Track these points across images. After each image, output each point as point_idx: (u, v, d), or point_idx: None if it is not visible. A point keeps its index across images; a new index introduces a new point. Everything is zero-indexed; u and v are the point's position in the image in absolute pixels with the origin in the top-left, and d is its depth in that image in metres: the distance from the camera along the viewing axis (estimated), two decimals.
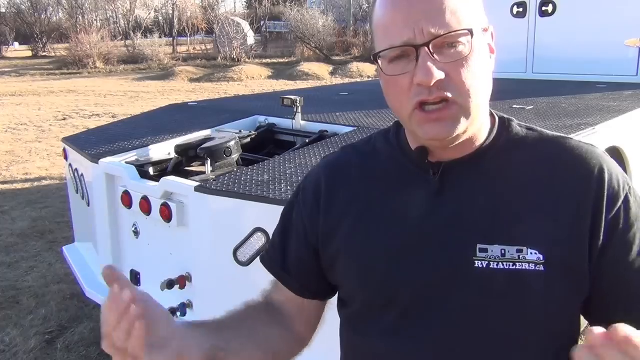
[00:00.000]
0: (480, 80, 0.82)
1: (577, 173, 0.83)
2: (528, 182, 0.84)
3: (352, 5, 29.04)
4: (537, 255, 0.79)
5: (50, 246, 4.61)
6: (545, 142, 0.88)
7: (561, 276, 0.80)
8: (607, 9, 4.78)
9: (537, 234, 0.81)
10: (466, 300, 0.82)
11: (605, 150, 3.02)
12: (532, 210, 0.82)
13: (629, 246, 0.81)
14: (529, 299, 0.80)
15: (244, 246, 2.18)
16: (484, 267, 0.80)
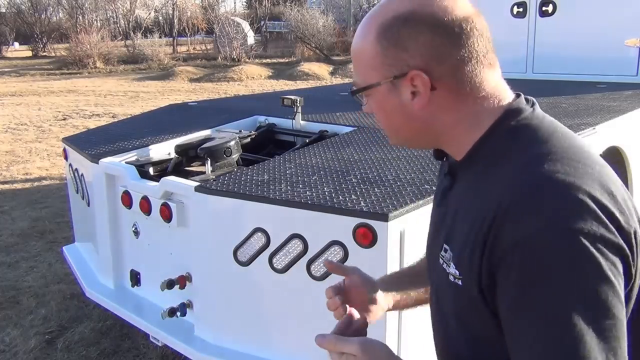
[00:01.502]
0: (390, 119, 0.92)
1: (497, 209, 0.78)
2: (473, 201, 0.85)
3: (352, 5, 29.04)
4: (455, 271, 0.86)
5: (50, 246, 4.61)
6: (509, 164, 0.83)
7: (464, 293, 0.84)
8: (607, 9, 4.77)
9: (459, 253, 0.85)
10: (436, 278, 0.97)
11: (606, 150, 3.03)
12: (463, 224, 0.86)
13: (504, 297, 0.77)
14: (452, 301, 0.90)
15: (244, 246, 2.18)
16: (440, 264, 0.92)
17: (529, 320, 0.74)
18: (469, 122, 0.89)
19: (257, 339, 2.30)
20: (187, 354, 2.41)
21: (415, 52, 0.85)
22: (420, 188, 2.07)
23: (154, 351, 3.02)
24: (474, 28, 0.85)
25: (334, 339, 0.90)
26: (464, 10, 0.86)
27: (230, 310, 2.34)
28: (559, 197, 0.75)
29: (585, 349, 0.70)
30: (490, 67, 0.91)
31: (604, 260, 0.72)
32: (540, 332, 0.72)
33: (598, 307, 0.71)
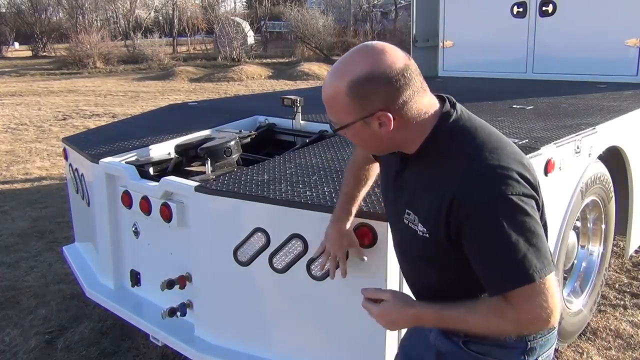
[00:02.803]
0: (366, 143, 1.34)
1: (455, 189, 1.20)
2: (429, 182, 1.27)
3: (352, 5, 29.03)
4: (423, 228, 1.29)
5: (50, 246, 4.61)
6: (458, 160, 1.23)
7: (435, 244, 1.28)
8: (607, 9, 4.77)
9: (426, 216, 1.28)
10: (403, 235, 1.39)
11: (606, 150, 3.03)
12: (425, 200, 1.27)
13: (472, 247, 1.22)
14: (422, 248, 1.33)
15: (244, 246, 2.18)
16: (406, 223, 1.34)
17: (491, 249, 1.19)
18: (418, 131, 1.28)
19: (257, 339, 2.30)
20: (187, 354, 2.41)
21: (377, 100, 1.22)
22: None
23: (154, 351, 3.02)
24: (411, 72, 1.22)
25: (372, 289, 1.41)
26: (402, 61, 1.22)
27: (230, 310, 2.34)
28: (495, 175, 1.19)
29: (527, 256, 1.16)
30: (424, 92, 1.27)
31: (528, 206, 1.19)
32: (501, 253, 1.18)
33: (530, 232, 1.18)
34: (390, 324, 1.39)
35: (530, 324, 1.21)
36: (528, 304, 1.17)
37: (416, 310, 1.33)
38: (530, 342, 1.33)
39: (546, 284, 1.17)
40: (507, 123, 3.11)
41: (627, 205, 3.42)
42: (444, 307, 1.29)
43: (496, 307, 1.21)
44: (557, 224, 2.71)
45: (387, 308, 1.36)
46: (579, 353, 3.01)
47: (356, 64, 1.22)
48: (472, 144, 1.24)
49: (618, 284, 3.74)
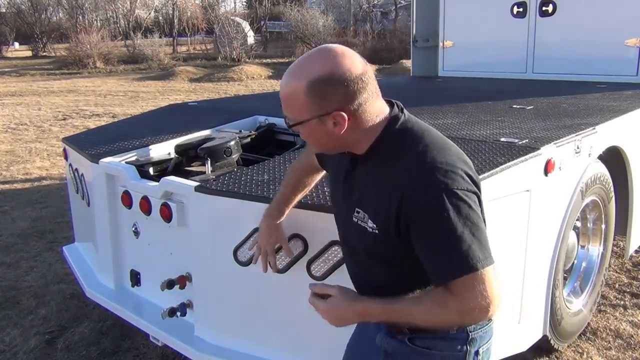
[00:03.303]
0: (319, 141, 1.38)
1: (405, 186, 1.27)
2: (379, 180, 1.34)
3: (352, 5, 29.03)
4: (373, 225, 1.34)
5: (50, 246, 4.61)
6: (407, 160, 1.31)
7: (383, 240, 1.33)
8: (607, 9, 4.77)
9: (375, 212, 1.34)
10: (351, 233, 1.44)
11: (606, 150, 3.03)
12: (375, 198, 1.34)
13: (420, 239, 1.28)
14: (371, 244, 1.37)
15: (244, 246, 2.18)
16: (355, 221, 1.39)
17: (438, 240, 1.25)
18: (369, 133, 1.35)
19: (257, 339, 2.30)
20: (187, 354, 2.41)
21: (334, 101, 1.28)
22: None
23: (154, 351, 3.02)
24: (368, 77, 1.30)
25: (320, 285, 1.47)
26: (361, 66, 1.30)
27: (230, 310, 2.34)
28: (441, 172, 1.26)
29: (471, 247, 1.24)
30: (377, 96, 1.35)
31: (471, 201, 1.27)
32: (447, 244, 1.24)
33: (474, 225, 1.25)
34: (336, 320, 1.41)
35: (471, 313, 1.26)
36: (469, 294, 1.24)
37: (363, 305, 1.37)
38: (471, 333, 1.41)
39: (487, 275, 1.24)
40: (507, 123, 3.11)
41: (627, 205, 3.42)
42: (390, 301, 1.33)
43: (440, 298, 1.27)
44: (557, 224, 2.72)
45: (333, 303, 1.40)
46: (579, 353, 3.01)
47: (316, 64, 1.28)
48: (420, 145, 1.32)
49: (618, 284, 3.74)
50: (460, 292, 1.25)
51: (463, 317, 1.29)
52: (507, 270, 2.46)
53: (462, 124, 3.12)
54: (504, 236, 2.37)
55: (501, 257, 2.39)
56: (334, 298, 1.40)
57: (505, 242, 2.39)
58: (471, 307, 1.25)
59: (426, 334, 1.41)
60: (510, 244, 2.43)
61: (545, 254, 2.65)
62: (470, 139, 2.68)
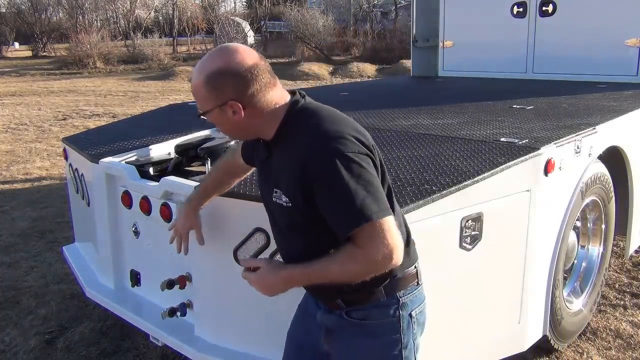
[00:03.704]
0: (227, 129, 1.56)
1: (304, 156, 1.42)
2: (287, 158, 1.48)
3: (352, 5, 29.03)
4: (286, 198, 1.49)
5: (50, 246, 4.61)
6: (305, 134, 1.46)
7: (297, 210, 1.48)
8: (607, 9, 4.77)
9: (286, 186, 1.48)
10: (274, 213, 1.60)
11: (606, 150, 3.03)
12: (286, 174, 1.47)
13: (322, 200, 1.42)
14: (288, 217, 1.53)
15: (244, 246, 2.18)
16: (274, 200, 1.54)
17: (336, 198, 1.39)
18: (271, 119, 1.52)
19: (257, 339, 2.30)
20: (187, 354, 2.41)
21: (228, 91, 1.46)
22: (420, 188, 2.07)
23: (154, 351, 3.02)
24: (259, 69, 1.46)
25: (249, 259, 1.66)
26: (252, 60, 1.46)
27: (230, 310, 2.34)
28: (334, 138, 1.42)
29: (365, 201, 1.37)
30: (274, 86, 1.51)
31: (363, 162, 1.41)
32: (343, 200, 1.38)
33: (367, 182, 1.39)
34: (266, 289, 1.54)
35: (377, 261, 1.39)
36: (371, 242, 1.37)
37: (286, 271, 1.52)
38: (401, 298, 1.56)
39: (384, 225, 1.38)
40: (507, 123, 3.11)
41: (627, 205, 3.42)
42: (309, 264, 1.46)
43: (348, 251, 1.40)
44: (557, 224, 2.72)
45: (262, 274, 1.54)
46: (579, 353, 3.01)
47: (212, 60, 1.47)
48: (316, 119, 1.49)
49: (618, 284, 3.74)
50: (362, 242, 1.38)
51: (370, 266, 1.41)
52: (507, 270, 2.46)
53: (462, 124, 3.12)
54: (504, 236, 2.37)
55: (501, 257, 2.40)
56: (262, 269, 1.54)
57: (505, 242, 2.39)
58: (375, 254, 1.37)
59: (360, 305, 1.55)
60: (511, 243, 2.43)
61: (545, 254, 2.65)
62: (470, 139, 2.68)
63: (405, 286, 1.57)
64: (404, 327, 1.56)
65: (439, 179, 2.15)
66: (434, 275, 2.12)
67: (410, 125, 3.11)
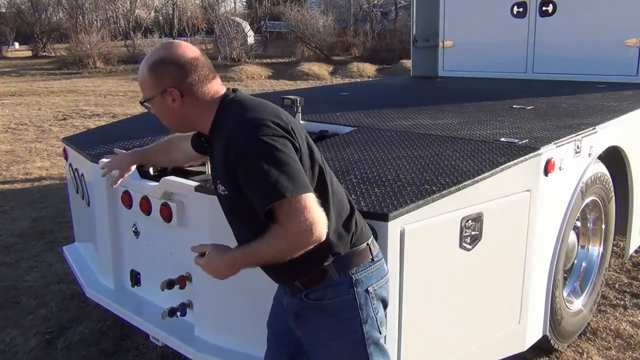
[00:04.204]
0: (164, 117, 1.67)
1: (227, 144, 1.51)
2: (219, 149, 1.56)
3: (352, 5, 29.02)
4: (223, 187, 1.58)
5: (50, 246, 4.61)
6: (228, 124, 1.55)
7: (232, 197, 1.57)
8: (607, 9, 4.77)
9: (221, 176, 1.57)
10: (221, 203, 1.69)
11: (606, 150, 3.03)
12: (220, 164, 1.57)
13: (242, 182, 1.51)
14: (228, 205, 1.65)
15: None
16: (220, 192, 1.62)
17: (252, 179, 1.47)
18: (206, 112, 1.62)
19: (257, 339, 2.29)
20: (187, 354, 2.41)
21: (168, 79, 1.59)
22: (420, 188, 2.07)
23: (154, 351, 3.02)
24: (199, 63, 1.60)
25: (198, 245, 1.68)
26: (192, 54, 1.61)
27: (230, 310, 2.34)
28: (250, 124, 1.51)
29: (278, 180, 1.43)
30: (213, 80, 1.63)
31: (278, 144, 1.48)
32: (258, 181, 1.45)
33: (280, 162, 1.45)
34: (214, 272, 1.62)
35: (298, 237, 1.45)
36: (290, 219, 1.43)
37: (230, 255, 1.59)
38: (354, 276, 1.62)
39: (301, 202, 1.43)
40: (507, 123, 3.11)
41: (627, 205, 3.42)
42: (246, 246, 1.56)
43: (273, 230, 1.47)
44: (557, 224, 2.72)
45: (209, 258, 1.62)
46: (579, 353, 3.01)
47: (157, 52, 1.62)
48: (239, 109, 1.58)
49: (618, 284, 3.74)
50: (281, 220, 1.44)
51: (292, 242, 1.46)
52: (507, 270, 2.46)
53: (462, 124, 3.12)
54: (504, 236, 2.37)
55: (501, 257, 2.40)
56: (209, 253, 1.62)
57: (505, 242, 2.39)
58: (295, 230, 1.44)
59: (316, 285, 1.62)
60: (511, 243, 2.43)
61: (545, 253, 2.65)
62: (470, 139, 2.68)
63: (357, 263, 1.62)
64: (361, 302, 1.61)
65: (439, 179, 2.15)
66: (434, 275, 2.12)
67: (410, 125, 3.11)
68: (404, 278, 1.96)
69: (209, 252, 1.63)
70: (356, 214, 1.69)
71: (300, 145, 1.55)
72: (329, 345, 1.65)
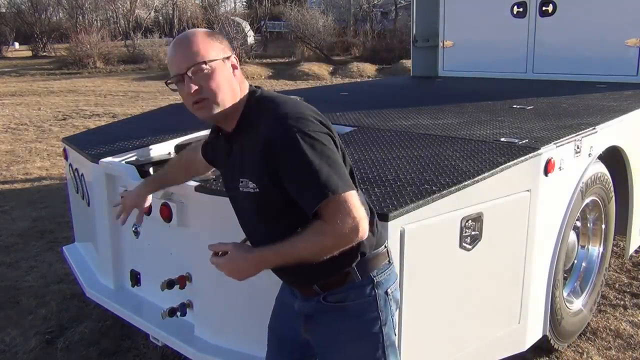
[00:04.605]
0: (221, 85, 1.52)
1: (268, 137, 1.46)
2: (250, 145, 1.51)
3: (352, 5, 29.02)
4: (253, 185, 1.51)
5: (50, 246, 4.61)
6: (266, 117, 1.50)
7: (265, 194, 1.51)
8: (607, 9, 4.77)
9: (253, 173, 1.51)
10: (242, 203, 1.62)
11: (606, 150, 3.03)
12: (251, 161, 1.51)
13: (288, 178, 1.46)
14: (256, 204, 1.55)
15: None
16: (242, 190, 1.55)
17: (301, 175, 1.43)
18: (236, 105, 1.57)
19: (257, 339, 2.29)
20: (187, 354, 2.41)
21: (227, 47, 1.57)
22: (420, 188, 2.07)
23: (154, 351, 3.02)
24: None
25: (217, 244, 1.59)
26: None
27: (230, 310, 2.34)
28: (294, 120, 1.46)
29: (330, 176, 1.41)
30: None
31: (323, 139, 1.47)
32: (308, 177, 1.41)
33: (328, 158, 1.44)
34: (236, 273, 1.54)
35: (344, 234, 1.42)
36: (337, 216, 1.41)
37: (257, 254, 1.52)
38: (375, 278, 1.60)
39: (349, 199, 1.42)
40: (507, 123, 3.11)
41: (627, 205, 3.42)
42: (279, 244, 1.47)
43: (316, 227, 1.43)
44: (557, 224, 2.72)
45: (231, 257, 1.54)
46: (579, 353, 3.01)
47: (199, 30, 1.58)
48: (275, 104, 1.54)
49: (618, 284, 3.74)
50: (329, 216, 1.41)
51: (338, 239, 1.43)
52: (507, 270, 2.46)
53: (462, 124, 3.12)
54: (504, 236, 2.37)
55: (501, 257, 2.40)
56: (231, 253, 1.53)
57: (505, 242, 2.39)
58: (342, 227, 1.41)
59: (336, 288, 1.58)
60: (511, 243, 2.43)
61: (545, 254, 2.65)
62: (470, 139, 2.68)
63: (377, 266, 1.61)
64: (382, 304, 1.60)
65: (439, 179, 2.15)
66: (434, 275, 2.12)
67: (410, 125, 3.11)
68: (404, 278, 1.96)
69: (230, 251, 1.54)
70: (375, 215, 1.68)
71: (338, 143, 1.55)
72: (345, 347, 1.62)
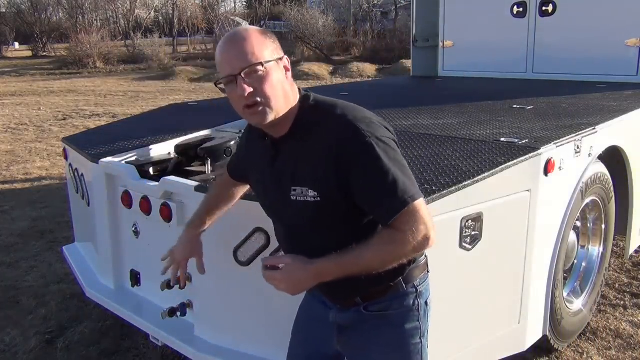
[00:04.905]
0: (275, 89, 1.41)
1: (337, 144, 1.39)
2: (309, 152, 1.43)
3: (352, 5, 29.02)
4: (314, 193, 1.43)
5: (50, 246, 4.61)
6: (330, 123, 1.42)
7: (326, 203, 1.43)
8: (607, 9, 4.77)
9: (314, 181, 1.42)
10: (290, 213, 1.51)
11: (606, 150, 3.03)
12: (311, 168, 1.42)
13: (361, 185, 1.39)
14: (314, 213, 1.46)
15: (244, 246, 2.18)
16: (295, 199, 1.46)
17: (378, 184, 1.37)
18: (288, 111, 1.46)
19: (257, 339, 2.30)
20: (187, 354, 2.41)
21: (279, 48, 1.45)
22: (420, 188, 2.07)
23: (154, 351, 3.02)
24: None
25: (273, 257, 1.57)
26: None
27: (230, 310, 2.34)
28: (365, 125, 1.40)
29: (406, 184, 1.37)
30: None
31: (392, 144, 1.43)
32: (387, 186, 1.36)
33: (402, 165, 1.40)
34: (294, 286, 1.45)
35: (418, 243, 1.37)
36: (412, 224, 1.36)
37: (317, 265, 1.42)
38: (418, 287, 1.57)
39: (421, 206, 1.38)
40: (507, 123, 3.11)
41: (627, 205, 3.42)
42: (341, 255, 1.40)
43: (387, 236, 1.39)
44: (557, 224, 2.72)
45: (289, 269, 1.44)
46: (579, 353, 3.01)
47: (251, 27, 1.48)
48: (337, 109, 1.46)
49: (618, 284, 3.74)
50: (404, 225, 1.36)
51: (412, 247, 1.38)
52: (507, 270, 2.46)
53: (462, 124, 3.12)
54: (504, 236, 2.37)
55: (501, 257, 2.40)
56: (289, 266, 1.44)
57: (505, 242, 2.39)
58: (415, 235, 1.36)
59: (379, 298, 1.54)
60: (511, 243, 2.43)
61: (545, 254, 2.65)
62: (470, 139, 2.68)
63: (419, 275, 1.57)
64: (422, 315, 1.57)
65: (439, 179, 2.15)
66: (434, 275, 2.12)
67: (410, 125, 3.11)
68: None
69: (288, 264, 1.44)
70: None
71: None
72: (384, 357, 1.58)
